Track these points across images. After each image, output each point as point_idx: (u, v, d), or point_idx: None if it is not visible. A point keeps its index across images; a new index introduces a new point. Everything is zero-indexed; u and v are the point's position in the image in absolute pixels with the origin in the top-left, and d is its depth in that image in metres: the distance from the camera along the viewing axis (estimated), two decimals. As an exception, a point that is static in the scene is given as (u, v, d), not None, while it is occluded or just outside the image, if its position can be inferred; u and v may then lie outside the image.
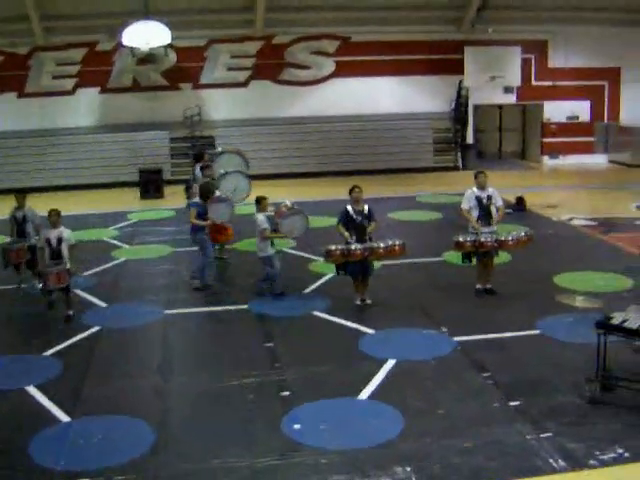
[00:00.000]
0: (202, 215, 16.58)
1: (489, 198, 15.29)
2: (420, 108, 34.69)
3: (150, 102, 33.44)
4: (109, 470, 9.01)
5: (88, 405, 10.76)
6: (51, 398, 10.96)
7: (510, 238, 15.01)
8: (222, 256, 19.27)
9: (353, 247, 14.38)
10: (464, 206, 15.51)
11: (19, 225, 16.66)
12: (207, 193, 17.01)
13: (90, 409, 10.62)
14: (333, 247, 14.49)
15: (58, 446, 9.64)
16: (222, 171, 19.29)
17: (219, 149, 21.06)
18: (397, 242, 14.70)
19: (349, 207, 14.82)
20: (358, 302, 14.95)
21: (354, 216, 14.72)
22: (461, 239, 15.08)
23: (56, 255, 14.65)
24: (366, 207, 14.88)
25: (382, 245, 14.59)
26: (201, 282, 16.56)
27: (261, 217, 15.70)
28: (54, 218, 14.91)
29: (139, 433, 9.94)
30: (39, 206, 20.81)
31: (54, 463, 9.20)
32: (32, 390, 11.31)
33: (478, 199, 15.24)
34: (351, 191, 14.99)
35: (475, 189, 15.41)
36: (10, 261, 16.32)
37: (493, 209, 15.37)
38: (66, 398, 10.96)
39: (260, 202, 15.89)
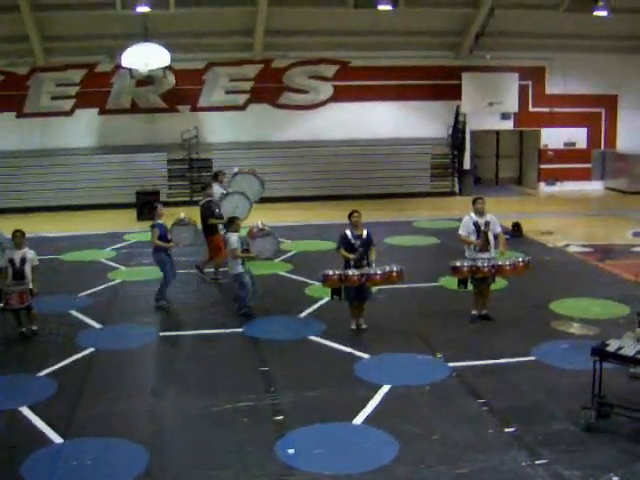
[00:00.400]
0: (163, 237, 16.94)
1: (487, 224, 15.16)
2: (418, 133, 34.78)
3: (148, 124, 33.51)
4: (101, 493, 8.97)
5: (82, 426, 10.70)
6: (44, 419, 10.91)
7: (507, 264, 14.94)
8: (217, 277, 19.49)
9: (350, 272, 14.32)
10: (461, 232, 15.37)
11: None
12: (207, 213, 18.54)
13: (84, 430, 10.57)
14: (330, 272, 14.44)
15: (51, 467, 9.59)
16: (224, 192, 19.89)
17: (235, 169, 21.14)
18: (395, 268, 14.61)
19: (348, 231, 14.78)
20: (353, 327, 14.89)
21: (352, 240, 14.64)
22: (458, 264, 14.98)
23: (19, 275, 14.81)
24: (365, 232, 14.81)
25: (379, 272, 14.47)
26: (158, 302, 17.08)
27: (233, 237, 16.14)
28: (19, 239, 15.13)
29: (133, 455, 9.88)
30: (36, 226, 20.89)
31: (47, 485, 9.14)
32: (25, 411, 11.24)
33: (476, 225, 15.13)
34: (350, 215, 14.98)
35: (473, 215, 15.28)
36: None
37: (491, 236, 15.22)
38: (60, 419, 10.91)
39: (232, 223, 16.58)
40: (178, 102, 33.78)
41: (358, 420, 10.73)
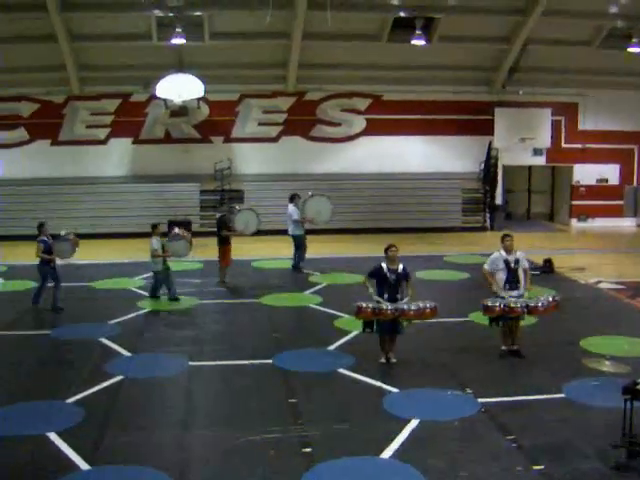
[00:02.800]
0: (47, 251, 19.44)
1: (517, 262, 15.11)
2: (449, 168, 34.85)
3: (182, 154, 33.79)
4: (128, 522, 8.96)
5: (109, 454, 10.69)
6: (71, 445, 10.89)
7: (540, 305, 14.77)
8: (224, 280, 22.27)
9: (384, 307, 14.33)
10: (487, 267, 15.39)
11: None
12: (221, 224, 22.63)
13: (110, 458, 10.55)
14: (364, 304, 14.45)
15: (77, 495, 9.60)
16: (238, 207, 23.92)
17: (310, 193, 24.80)
18: (429, 305, 14.59)
19: (384, 265, 14.82)
20: (383, 360, 14.81)
21: (388, 274, 14.68)
22: (490, 303, 14.85)
23: None
24: (401, 266, 14.87)
25: (413, 307, 14.46)
26: (33, 303, 19.60)
27: (154, 241, 19.99)
28: None
29: (159, 485, 9.86)
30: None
31: (74, 512, 9.16)
32: (53, 436, 11.25)
33: (506, 262, 15.08)
34: (387, 249, 15.04)
35: (503, 252, 15.21)
36: None
37: (521, 273, 15.17)
38: (87, 446, 10.89)
39: (154, 228, 20.28)
40: (211, 133, 34.05)
41: (386, 454, 10.64)
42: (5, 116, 33.38)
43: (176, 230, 21.79)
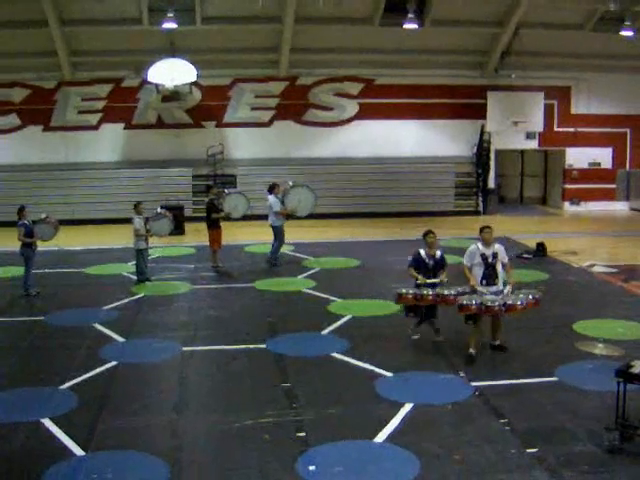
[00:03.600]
0: (29, 234, 19.49)
1: (495, 256, 14.24)
2: (442, 152, 34.84)
3: (174, 139, 33.73)
4: (122, 507, 8.98)
5: (103, 440, 10.70)
6: (66, 431, 10.93)
7: (519, 303, 13.81)
8: (217, 264, 22.33)
9: (425, 292, 14.48)
10: (466, 263, 14.44)
11: None
12: (210, 208, 22.53)
13: (105, 444, 10.56)
14: (404, 290, 14.68)
15: (72, 480, 9.62)
16: (227, 191, 24.33)
17: (290, 183, 24.21)
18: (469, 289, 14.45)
19: (422, 251, 14.99)
20: (415, 336, 15.31)
21: (426, 260, 14.86)
22: (465, 302, 13.84)
23: None
24: (439, 252, 15.07)
25: (453, 292, 14.44)
26: (25, 291, 19.47)
27: (136, 219, 20.51)
28: None
29: (153, 470, 9.87)
30: (61, 240, 21.04)
31: (68, 498, 9.17)
32: (47, 423, 11.27)
33: (483, 256, 14.20)
34: (425, 235, 15.11)
35: (480, 245, 14.34)
36: None
37: (499, 267, 14.31)
38: (81, 432, 10.91)
39: (136, 206, 20.81)
40: (204, 118, 33.99)
41: (380, 438, 10.67)
42: (-4, 102, 33.32)
43: (158, 209, 22.43)
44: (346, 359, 14.20)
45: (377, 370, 13.53)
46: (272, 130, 34.60)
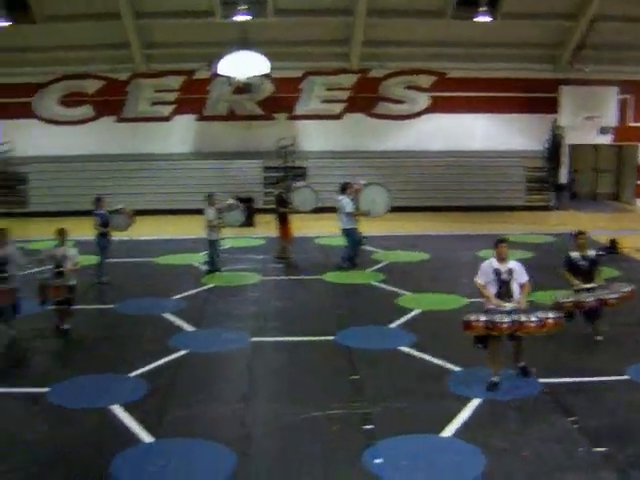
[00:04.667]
0: (104, 224, 20.03)
1: (510, 272, 12.76)
2: (513, 146, 34.49)
3: (245, 131, 33.89)
4: (189, 494, 9.08)
5: (172, 427, 10.84)
6: (135, 418, 11.09)
7: (532, 319, 12.08)
8: (284, 255, 22.60)
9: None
10: (479, 280, 12.93)
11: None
12: (279, 201, 22.81)
13: (173, 431, 10.72)
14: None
15: (139, 466, 9.78)
16: (295, 184, 24.43)
17: (363, 182, 23.30)
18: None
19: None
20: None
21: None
22: (472, 318, 12.28)
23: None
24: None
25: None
26: (98, 279, 19.99)
27: (209, 211, 20.73)
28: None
29: (221, 459, 9.97)
30: (132, 230, 21.27)
31: (136, 483, 9.30)
32: (116, 409, 11.45)
33: (496, 272, 12.74)
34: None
35: (494, 261, 12.91)
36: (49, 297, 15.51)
37: (515, 286, 12.78)
38: (150, 419, 11.08)
39: (209, 198, 21.09)
40: (275, 110, 34.10)
41: (447, 433, 10.64)
42: (71, 93, 33.78)
43: (230, 200, 22.49)
44: (414, 353, 14.17)
45: (445, 365, 13.48)
46: (343, 123, 34.59)
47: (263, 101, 34.04)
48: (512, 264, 12.93)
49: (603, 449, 10.06)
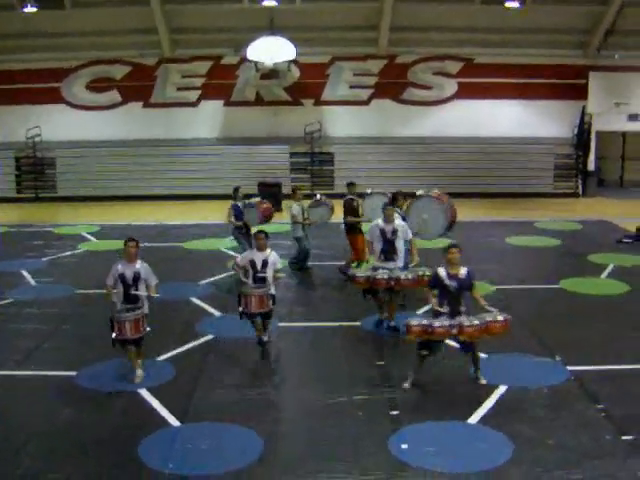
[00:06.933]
0: (238, 216, 19.43)
1: (394, 232, 14.55)
2: (541, 133, 34.31)
3: (272, 116, 33.91)
4: (216, 477, 9.15)
5: (199, 411, 10.91)
6: (162, 402, 11.18)
7: (410, 277, 14.16)
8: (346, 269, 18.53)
9: (437, 324, 11.56)
10: (367, 237, 15.10)
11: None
12: (346, 211, 19.14)
13: (200, 415, 10.78)
14: (414, 322, 11.76)
15: (167, 449, 9.82)
16: (369, 190, 20.14)
17: (420, 192, 18.91)
18: (500, 317, 11.72)
19: (442, 270, 12.03)
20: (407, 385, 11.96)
21: (447, 282, 11.86)
22: (358, 274, 14.68)
23: (132, 296, 12.21)
24: (464, 270, 12.05)
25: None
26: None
27: (295, 206, 19.38)
28: (131, 250, 12.39)
29: (247, 443, 10.01)
30: (160, 214, 21.34)
31: (162, 466, 9.37)
32: (144, 393, 11.56)
33: (382, 232, 14.56)
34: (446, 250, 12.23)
35: (380, 222, 14.71)
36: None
37: (400, 244, 14.64)
38: (177, 403, 11.16)
39: (294, 193, 19.75)
40: (302, 96, 34.10)
41: (473, 419, 10.64)
42: (99, 79, 33.91)
43: (318, 196, 20.97)
44: (441, 339, 14.14)
45: (472, 351, 13.46)
46: (370, 108, 34.53)
47: (290, 87, 34.04)
48: (396, 224, 14.67)
49: (630, 437, 10.04)
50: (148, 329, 12.19)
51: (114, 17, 31.36)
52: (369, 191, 20.08)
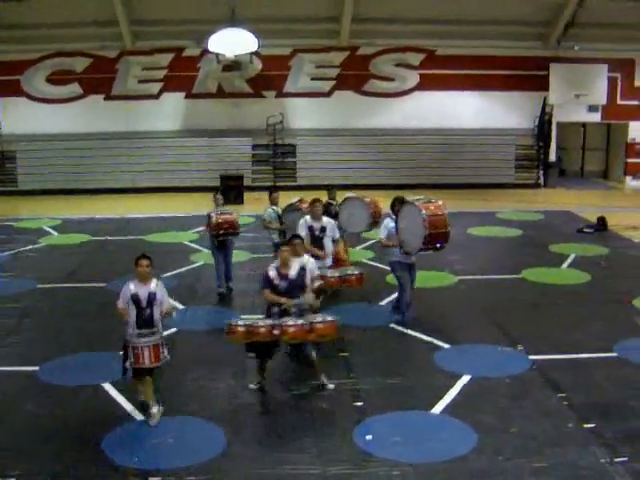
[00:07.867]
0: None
1: (323, 229, 14.33)
2: (503, 124, 34.41)
3: (234, 109, 33.75)
4: (181, 470, 9.14)
5: (163, 405, 10.86)
6: (126, 396, 11.15)
7: (336, 276, 13.84)
8: None
9: (261, 324, 11.23)
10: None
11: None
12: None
13: (165, 409, 10.70)
14: (234, 322, 11.46)
15: (132, 443, 9.82)
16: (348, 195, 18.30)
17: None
18: (329, 318, 11.46)
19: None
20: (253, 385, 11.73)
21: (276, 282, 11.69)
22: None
23: (147, 321, 10.66)
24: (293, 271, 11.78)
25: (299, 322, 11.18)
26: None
27: (269, 210, 16.91)
28: (144, 270, 11.00)
29: (212, 436, 10.03)
30: (121, 208, 21.22)
31: (127, 460, 9.36)
32: (108, 387, 11.53)
33: (311, 229, 14.33)
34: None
35: (309, 219, 14.44)
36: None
37: (328, 242, 14.36)
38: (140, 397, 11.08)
39: (270, 195, 17.15)
40: (264, 87, 33.97)
41: (436, 409, 10.72)
42: (59, 71, 33.59)
43: (295, 201, 17.73)
44: (405, 330, 14.20)
45: (435, 342, 13.53)
46: (332, 100, 34.47)
47: (252, 79, 33.89)
48: (325, 222, 14.35)
49: (591, 425, 10.17)
50: (168, 357, 10.86)
51: (74, 9, 31.01)
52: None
